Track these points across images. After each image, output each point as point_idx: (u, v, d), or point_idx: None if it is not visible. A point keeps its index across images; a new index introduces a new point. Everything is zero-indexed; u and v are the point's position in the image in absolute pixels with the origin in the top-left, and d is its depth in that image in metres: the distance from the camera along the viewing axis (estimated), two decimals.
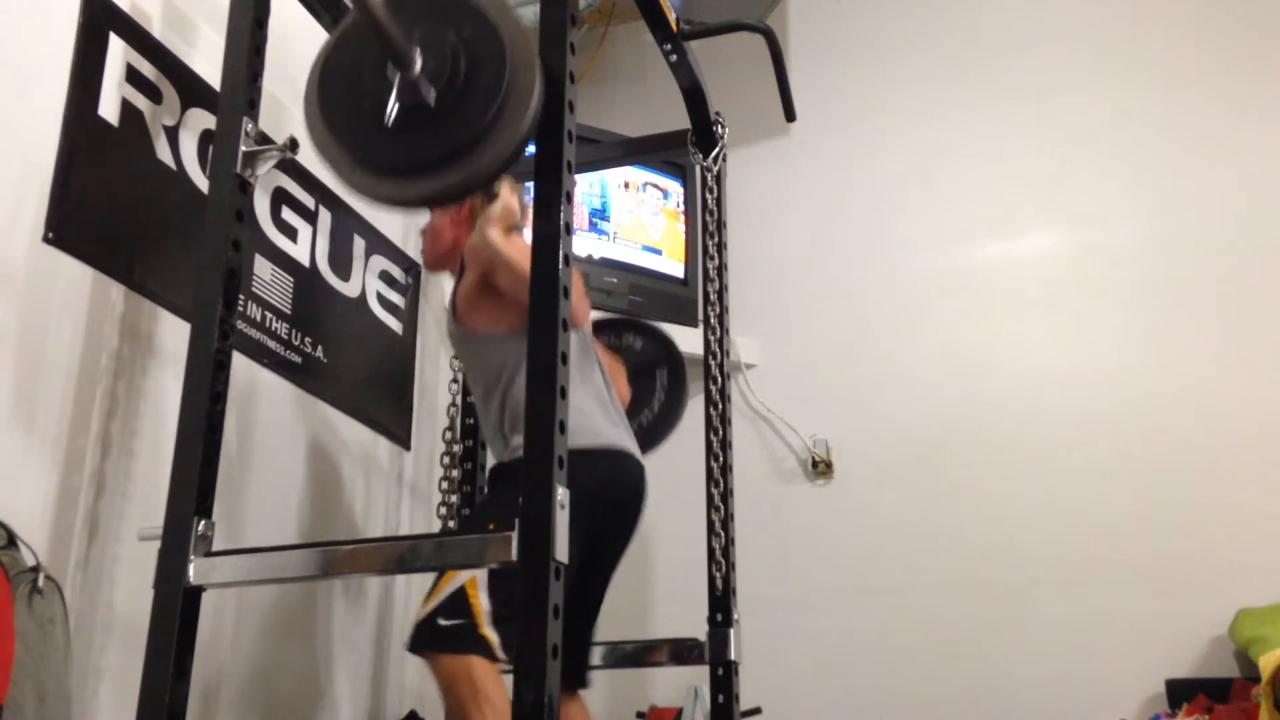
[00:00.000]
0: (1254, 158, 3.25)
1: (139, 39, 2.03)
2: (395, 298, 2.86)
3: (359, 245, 2.72)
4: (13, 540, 1.49)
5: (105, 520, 1.83)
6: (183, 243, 2.03)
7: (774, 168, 3.71)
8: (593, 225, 3.45)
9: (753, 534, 2.84)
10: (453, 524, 2.65)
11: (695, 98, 2.43)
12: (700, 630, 2.23)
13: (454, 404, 2.72)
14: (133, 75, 2.00)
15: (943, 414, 3.29)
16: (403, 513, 2.82)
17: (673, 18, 2.26)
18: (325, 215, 2.57)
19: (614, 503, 2.11)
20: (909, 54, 3.71)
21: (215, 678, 2.08)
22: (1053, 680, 2.95)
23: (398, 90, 1.54)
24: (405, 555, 1.57)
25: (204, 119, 2.16)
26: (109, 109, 1.93)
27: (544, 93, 1.55)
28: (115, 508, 1.86)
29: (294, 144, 1.77)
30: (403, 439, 2.84)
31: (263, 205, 2.35)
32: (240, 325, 2.18)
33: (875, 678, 3.11)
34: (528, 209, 2.24)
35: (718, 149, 2.49)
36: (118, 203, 1.93)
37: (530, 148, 1.59)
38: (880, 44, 3.76)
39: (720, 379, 2.38)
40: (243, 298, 2.21)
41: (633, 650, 2.42)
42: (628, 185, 3.54)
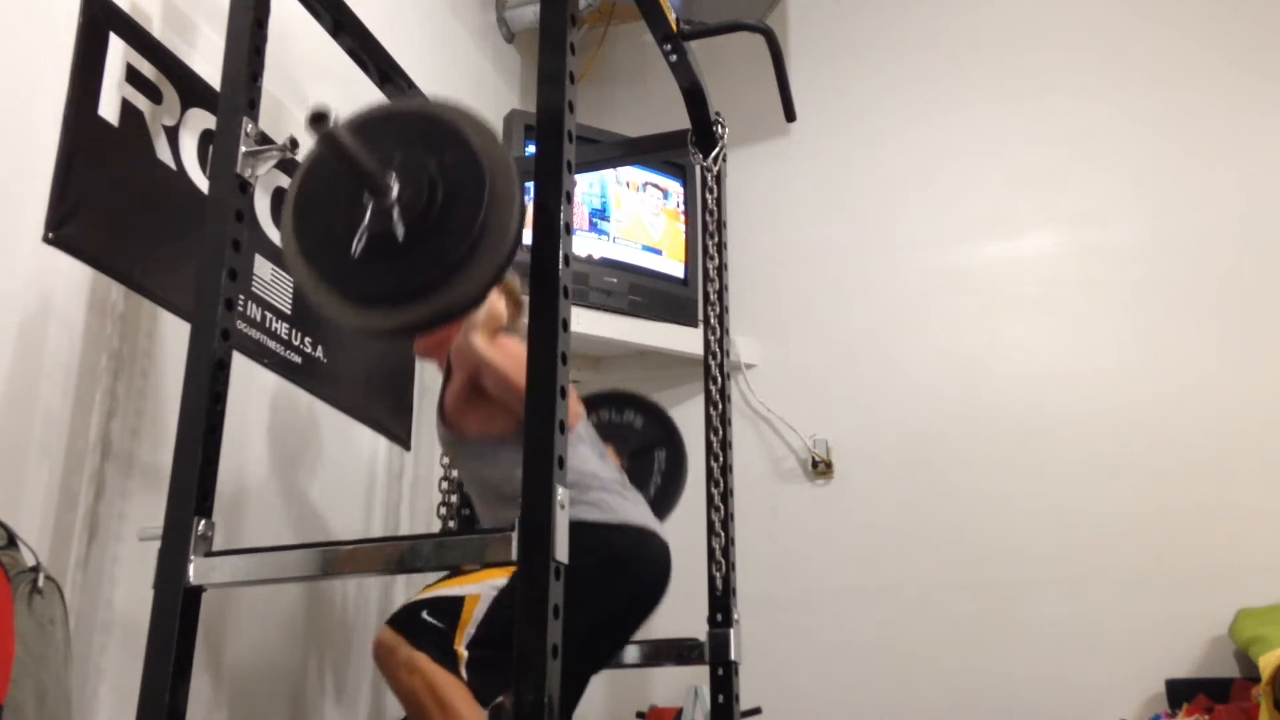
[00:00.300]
0: (1254, 158, 3.25)
1: (139, 39, 2.03)
2: None
3: None
4: (13, 540, 1.49)
5: (105, 520, 1.83)
6: (183, 243, 2.03)
7: (774, 168, 3.71)
8: (593, 225, 3.45)
9: (753, 534, 2.84)
10: (453, 524, 2.65)
11: (695, 98, 2.43)
12: (700, 630, 2.23)
13: None
14: (133, 75, 2.00)
15: (943, 414, 3.29)
16: (403, 513, 2.82)
17: (673, 18, 2.25)
18: None
19: (642, 583, 2.09)
20: (909, 54, 3.71)
21: (215, 678, 2.08)
22: (1053, 680, 2.95)
23: (369, 218, 1.49)
24: (405, 555, 1.57)
25: (204, 119, 2.16)
26: (109, 109, 1.93)
27: (520, 226, 1.49)
28: (115, 508, 1.86)
29: (294, 144, 1.77)
30: (403, 439, 2.84)
31: (263, 205, 2.35)
32: (240, 325, 2.18)
33: (875, 677, 3.11)
34: (522, 302, 2.22)
35: (718, 149, 2.49)
36: (118, 203, 1.93)
37: (530, 148, 1.58)
38: (880, 44, 3.77)
39: (720, 379, 2.37)
40: (243, 298, 2.21)
41: (633, 650, 2.42)
42: (629, 184, 3.54)
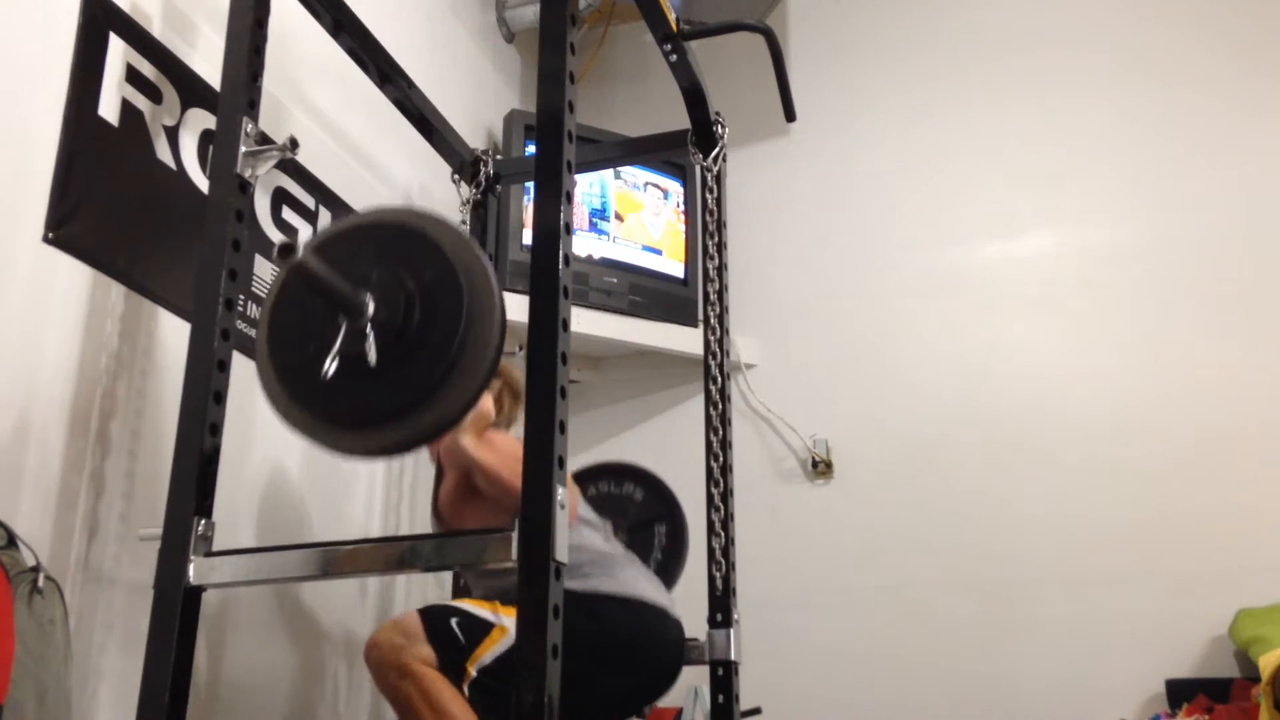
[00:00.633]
0: (1254, 158, 3.25)
1: (139, 39, 2.02)
2: None
3: None
4: (13, 540, 1.49)
5: (105, 520, 1.83)
6: (183, 243, 2.03)
7: (774, 168, 3.71)
8: (593, 225, 3.45)
9: (753, 534, 2.84)
10: None
11: (695, 98, 2.43)
12: (700, 630, 2.23)
13: None
14: (133, 75, 2.00)
15: (943, 414, 3.29)
16: (402, 513, 2.82)
17: (673, 18, 2.25)
18: (325, 215, 2.57)
19: (661, 664, 2.08)
20: (909, 54, 3.71)
21: (215, 678, 2.08)
22: (1053, 680, 2.95)
23: (343, 338, 1.45)
24: (405, 555, 1.57)
25: (204, 119, 2.16)
26: (109, 109, 1.93)
27: (500, 343, 1.45)
28: (115, 508, 1.86)
29: (294, 144, 1.77)
30: None
31: (263, 205, 2.35)
32: (240, 325, 2.18)
33: (875, 678, 3.11)
34: (522, 393, 2.21)
35: (718, 149, 2.48)
36: (118, 203, 1.93)
37: (530, 148, 1.57)
38: (880, 44, 3.77)
39: (720, 379, 2.37)
40: (243, 298, 2.21)
41: None
42: (641, 185, 3.54)
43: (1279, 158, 3.24)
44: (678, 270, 3.56)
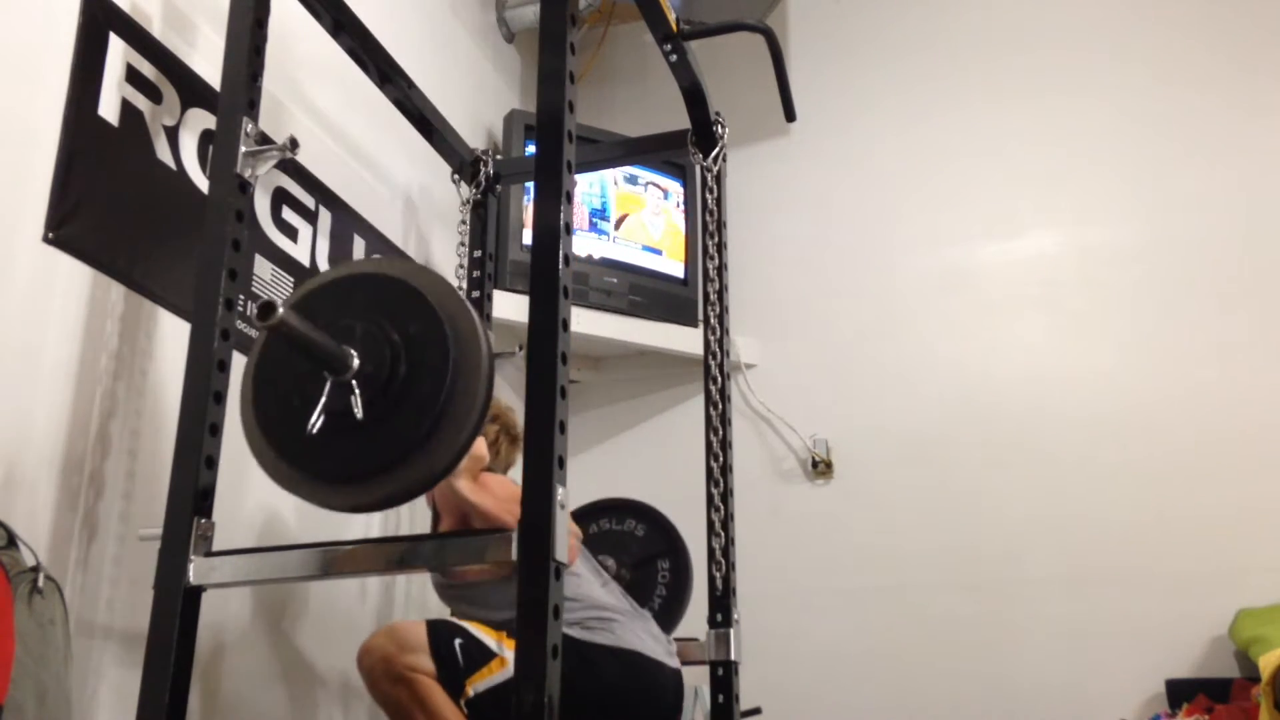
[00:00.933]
0: (1254, 158, 3.25)
1: (139, 39, 2.03)
2: None
3: (359, 245, 2.71)
4: (13, 540, 1.49)
5: (105, 520, 1.83)
6: (183, 243, 2.03)
7: (774, 168, 3.71)
8: (593, 225, 3.45)
9: (753, 534, 2.84)
10: None
11: (695, 98, 2.43)
12: (700, 630, 2.23)
13: None
14: (133, 75, 2.00)
15: (943, 414, 3.29)
16: (403, 513, 2.82)
17: (673, 18, 2.25)
18: (325, 215, 2.57)
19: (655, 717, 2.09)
20: (909, 54, 3.71)
21: (215, 678, 2.08)
22: (1053, 680, 2.95)
23: (328, 394, 1.44)
24: (405, 555, 1.57)
25: (204, 119, 2.16)
26: (109, 109, 1.93)
27: (488, 396, 1.43)
28: (115, 508, 1.86)
29: (294, 144, 1.77)
30: None
31: (263, 205, 2.35)
32: (240, 325, 2.18)
33: (875, 677, 3.11)
34: (519, 437, 2.19)
35: (718, 149, 2.48)
36: (118, 203, 1.93)
37: (530, 148, 1.57)
38: (880, 44, 3.77)
39: (720, 379, 2.37)
40: (243, 298, 2.21)
41: None
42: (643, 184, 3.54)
43: (1279, 157, 3.24)
44: (678, 270, 3.56)
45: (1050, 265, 3.36)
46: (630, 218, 3.52)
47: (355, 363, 1.44)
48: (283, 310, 1.33)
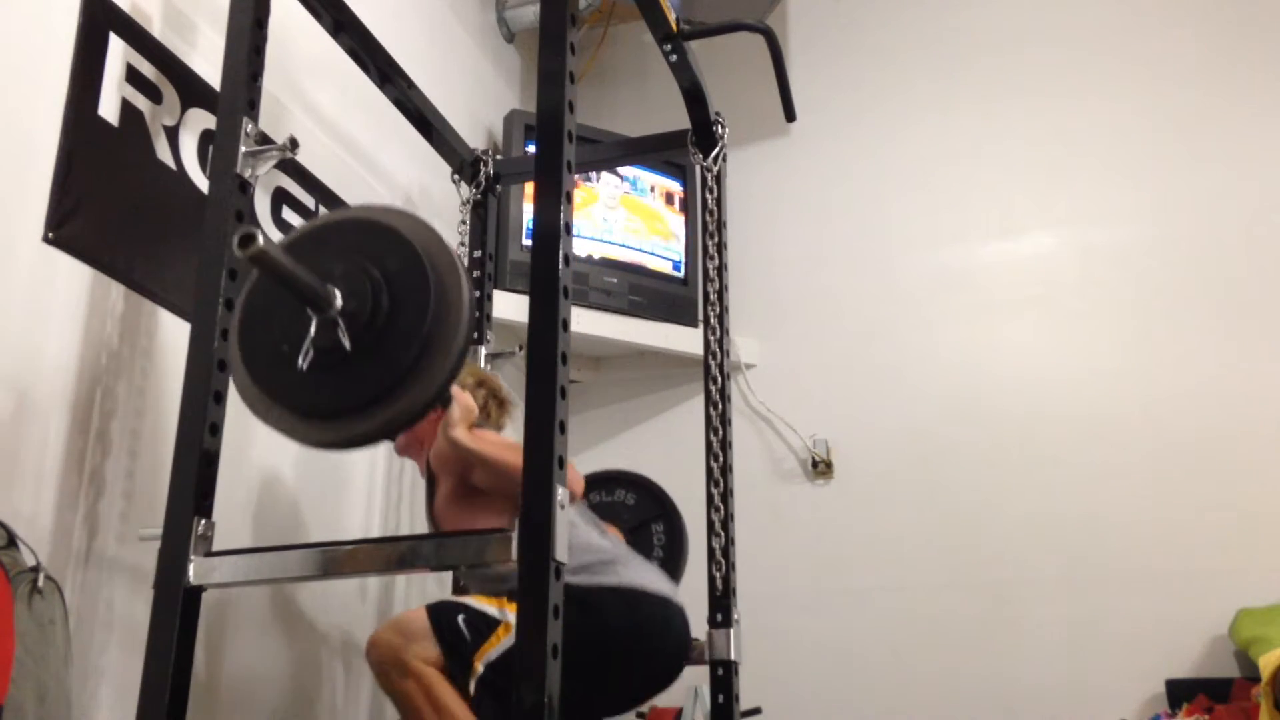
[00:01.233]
0: (1254, 158, 3.25)
1: (139, 39, 2.02)
2: None
3: None
4: (13, 540, 1.49)
5: (105, 520, 1.83)
6: (183, 243, 2.03)
7: (774, 168, 3.71)
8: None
9: (753, 534, 2.84)
10: None
11: (695, 98, 2.43)
12: (700, 630, 2.23)
13: None
14: (133, 75, 2.00)
15: (943, 414, 3.29)
16: (402, 512, 2.82)
17: (673, 18, 2.25)
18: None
19: (662, 655, 2.08)
20: (909, 54, 3.71)
21: (215, 678, 2.08)
22: (1053, 680, 2.95)
23: (314, 332, 1.47)
24: (405, 555, 1.57)
25: (204, 119, 2.15)
26: (109, 109, 1.93)
27: (471, 321, 1.46)
28: (115, 508, 1.86)
29: (294, 144, 1.77)
30: None
31: (263, 205, 2.35)
32: None
33: (875, 678, 3.11)
34: (506, 399, 2.23)
35: (718, 149, 2.49)
36: (118, 203, 1.93)
37: (530, 148, 1.57)
38: (880, 44, 3.77)
39: (720, 379, 2.37)
40: None
41: None
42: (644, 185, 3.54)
43: (1279, 157, 3.24)
44: (678, 271, 3.56)
45: (1050, 265, 3.36)
46: (632, 217, 3.52)
47: (339, 301, 1.47)
48: (262, 240, 1.35)
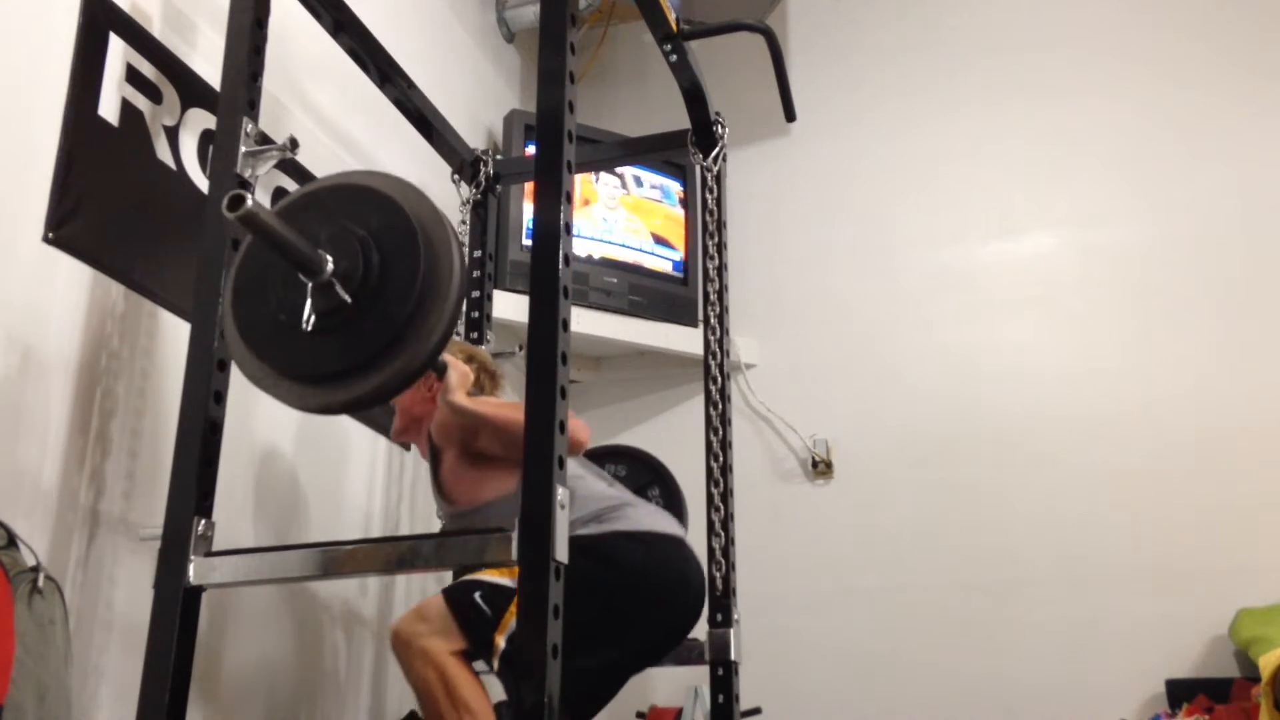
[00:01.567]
0: (1254, 158, 3.26)
1: (139, 39, 2.02)
2: None
3: None
4: (13, 540, 1.49)
5: (105, 520, 1.83)
6: (183, 243, 2.03)
7: (774, 168, 3.71)
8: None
9: (753, 534, 2.84)
10: None
11: (695, 98, 2.43)
12: (700, 630, 2.23)
13: None
14: (133, 75, 2.00)
15: (943, 414, 3.30)
16: (402, 513, 2.82)
17: (673, 18, 2.25)
18: None
19: (684, 595, 2.08)
20: (909, 54, 3.71)
21: (215, 678, 2.08)
22: (1053, 680, 2.95)
23: (313, 297, 1.49)
24: (405, 555, 1.57)
25: (204, 119, 2.15)
26: (109, 109, 1.93)
27: (463, 267, 1.49)
28: (115, 508, 1.86)
29: (294, 144, 1.77)
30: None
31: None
32: None
33: (875, 677, 3.11)
34: (495, 372, 2.25)
35: (718, 149, 2.48)
36: (118, 203, 1.93)
37: (530, 148, 1.58)
38: (880, 44, 3.77)
39: (720, 379, 2.37)
40: None
41: None
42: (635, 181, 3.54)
43: (1279, 157, 3.24)
44: (678, 270, 3.56)
45: (1050, 265, 3.36)
46: (632, 217, 3.52)
47: (330, 266, 1.49)
48: (251, 202, 1.36)
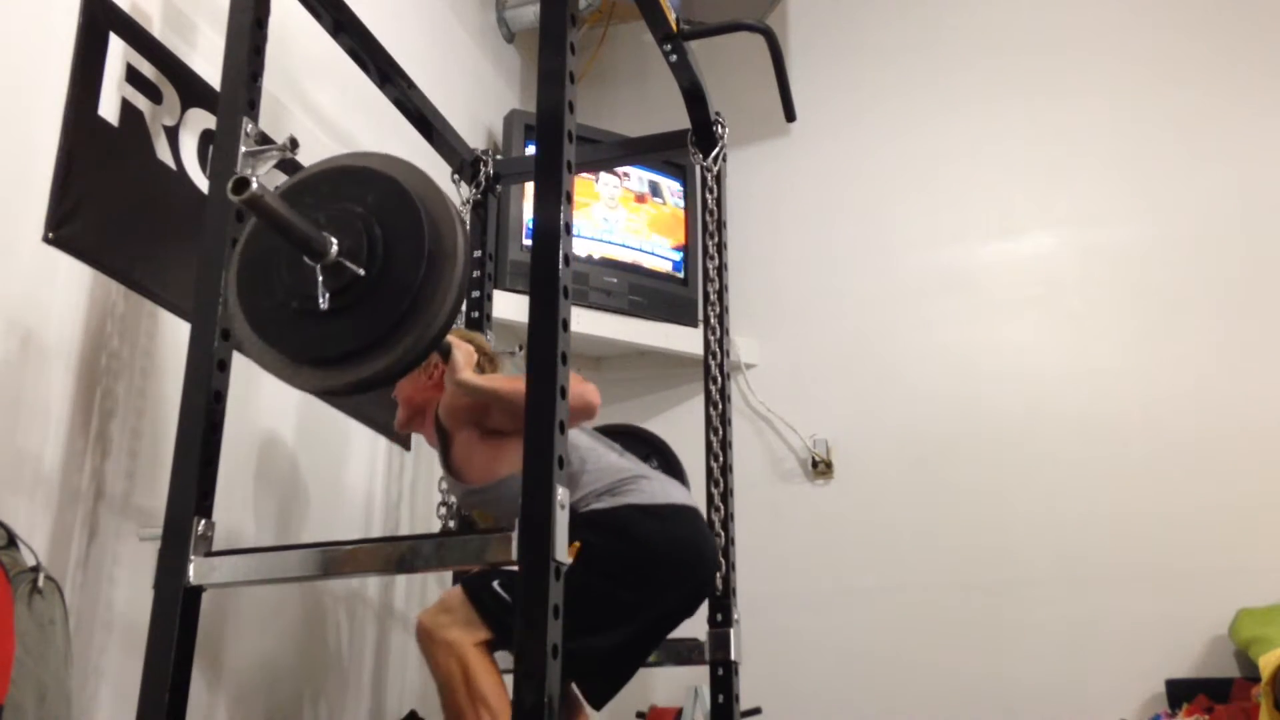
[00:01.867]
0: (1254, 158, 3.26)
1: (139, 39, 2.02)
2: None
3: None
4: (13, 540, 1.49)
5: (105, 520, 1.83)
6: (183, 243, 2.03)
7: (774, 168, 3.71)
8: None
9: (753, 534, 2.84)
10: (453, 524, 2.65)
11: (695, 98, 2.43)
12: (700, 630, 2.23)
13: None
14: (133, 75, 2.00)
15: (943, 414, 3.29)
16: (403, 513, 2.82)
17: (673, 18, 2.25)
18: None
19: (700, 564, 2.08)
20: (909, 54, 3.71)
21: (215, 678, 2.08)
22: (1053, 680, 2.95)
23: (324, 277, 1.50)
24: (405, 555, 1.57)
25: (204, 119, 2.15)
26: (109, 109, 1.93)
27: (464, 227, 1.50)
28: (115, 508, 1.86)
29: (294, 144, 1.77)
30: (403, 439, 2.83)
31: None
32: None
33: (875, 677, 3.11)
34: (494, 355, 2.25)
35: (718, 149, 2.49)
36: (118, 203, 1.93)
37: (530, 148, 1.58)
38: (880, 44, 3.77)
39: (720, 379, 2.37)
40: None
41: None
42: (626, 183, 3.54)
43: (1279, 157, 3.24)
44: (678, 270, 3.56)
45: (1050, 265, 3.36)
46: (632, 216, 3.52)
47: (334, 247, 1.50)
48: (256, 185, 1.37)
